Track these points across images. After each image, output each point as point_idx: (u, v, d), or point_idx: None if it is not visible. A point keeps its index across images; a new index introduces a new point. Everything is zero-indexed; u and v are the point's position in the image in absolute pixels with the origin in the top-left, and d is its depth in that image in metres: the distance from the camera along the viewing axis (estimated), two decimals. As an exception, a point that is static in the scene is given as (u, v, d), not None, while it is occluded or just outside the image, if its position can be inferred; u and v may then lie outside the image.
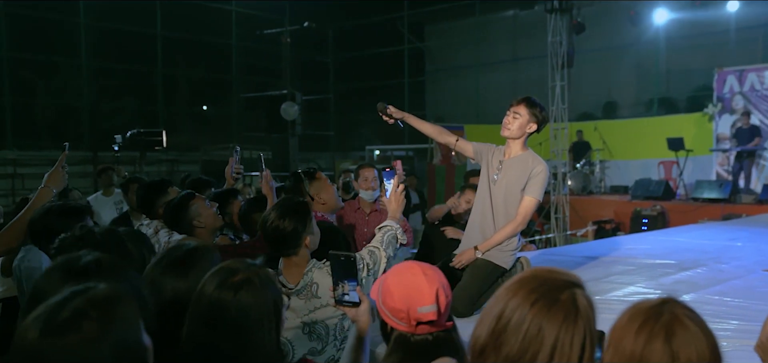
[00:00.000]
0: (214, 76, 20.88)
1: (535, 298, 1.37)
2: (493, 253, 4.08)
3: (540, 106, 4.08)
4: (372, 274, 2.86)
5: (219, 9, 19.37)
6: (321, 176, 3.67)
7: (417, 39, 22.72)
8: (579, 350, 1.35)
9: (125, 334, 1.36)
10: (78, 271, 1.74)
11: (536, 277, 1.42)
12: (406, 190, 5.36)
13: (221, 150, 18.03)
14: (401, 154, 20.19)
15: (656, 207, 11.89)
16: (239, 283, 1.75)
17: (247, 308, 1.73)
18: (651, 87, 18.28)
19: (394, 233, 2.99)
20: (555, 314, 1.35)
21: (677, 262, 5.66)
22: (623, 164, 15.56)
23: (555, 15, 12.52)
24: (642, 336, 1.32)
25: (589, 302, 1.40)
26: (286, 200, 2.80)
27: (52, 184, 3.41)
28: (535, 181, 4.02)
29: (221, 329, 1.72)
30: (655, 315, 1.34)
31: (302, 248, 2.69)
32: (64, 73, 17.74)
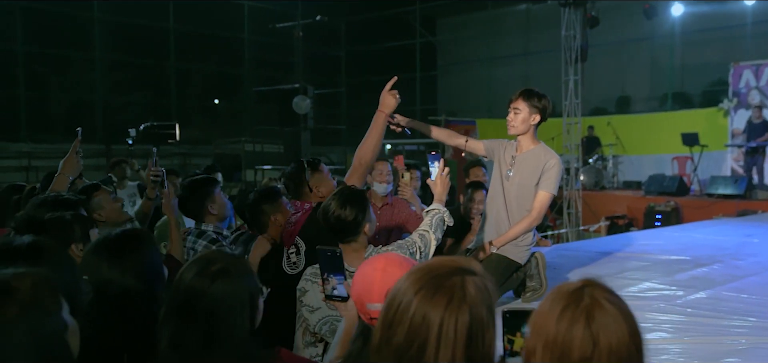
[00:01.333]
0: (226, 70, 20.93)
1: (419, 285, 1.35)
2: (508, 248, 4.06)
3: (538, 95, 4.04)
4: (424, 257, 2.94)
5: (231, 3, 19.40)
6: (323, 168, 3.67)
7: (429, 33, 22.65)
8: (465, 335, 1.31)
9: (43, 318, 1.37)
10: (11, 252, 1.77)
11: (427, 266, 1.41)
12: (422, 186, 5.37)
13: (233, 144, 18.08)
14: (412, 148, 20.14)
15: (670, 203, 11.79)
16: (216, 273, 1.77)
17: (222, 298, 1.75)
18: (665, 81, 18.13)
19: (441, 216, 3.08)
20: (439, 300, 1.33)
21: (692, 258, 5.61)
22: (637, 159, 15.45)
23: (569, 8, 12.42)
24: (564, 321, 1.28)
25: (480, 288, 1.36)
26: (345, 189, 2.91)
27: (67, 171, 3.42)
28: (549, 175, 3.99)
29: (195, 317, 1.74)
30: (576, 299, 1.30)
31: (361, 235, 2.82)
32: (77, 67, 17.85)
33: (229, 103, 21.42)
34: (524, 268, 4.16)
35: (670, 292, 4.43)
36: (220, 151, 18.04)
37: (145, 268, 2.01)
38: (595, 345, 1.26)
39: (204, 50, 19.89)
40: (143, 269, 2.00)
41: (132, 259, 1.98)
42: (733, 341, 3.44)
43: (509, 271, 4.08)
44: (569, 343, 1.27)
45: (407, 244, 2.97)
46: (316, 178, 3.59)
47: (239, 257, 1.88)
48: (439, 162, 3.22)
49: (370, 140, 3.49)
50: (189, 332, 1.74)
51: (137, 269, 1.98)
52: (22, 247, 1.79)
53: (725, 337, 3.51)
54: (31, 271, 1.43)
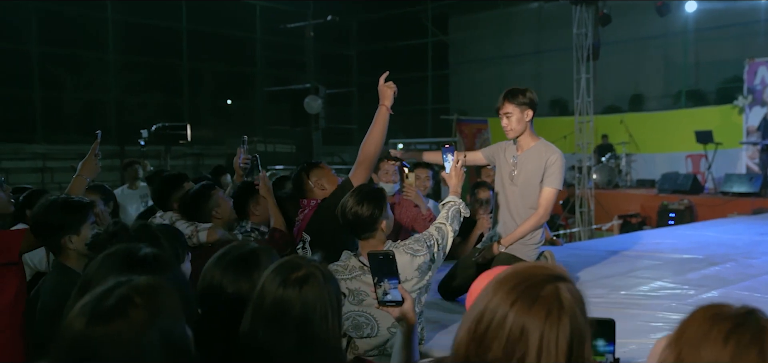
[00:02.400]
0: (238, 69, 21.01)
1: (514, 296, 1.30)
2: (516, 247, 4.06)
3: (522, 91, 4.03)
4: (442, 249, 2.96)
5: (243, 3, 19.48)
6: (323, 165, 3.76)
7: (441, 31, 22.61)
8: (566, 347, 1.27)
9: (171, 322, 1.38)
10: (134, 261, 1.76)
11: (516, 275, 1.35)
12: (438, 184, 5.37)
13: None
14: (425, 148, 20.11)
15: (684, 201, 11.69)
16: (303, 279, 1.73)
17: (312, 304, 1.72)
18: (679, 79, 17.99)
19: (457, 207, 3.10)
20: (537, 312, 1.28)
21: (705, 257, 5.57)
22: (650, 157, 15.34)
23: (580, 6, 12.34)
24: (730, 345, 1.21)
25: (575, 295, 1.32)
26: (363, 187, 2.97)
27: (85, 173, 3.44)
28: (552, 171, 3.99)
29: (286, 326, 1.70)
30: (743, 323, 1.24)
31: (378, 231, 2.85)
32: (91, 67, 17.99)
33: (241, 103, 21.51)
34: None
35: (682, 291, 4.40)
36: (233, 151, 18.07)
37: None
38: None
39: (216, 50, 19.98)
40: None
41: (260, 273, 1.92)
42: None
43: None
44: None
45: (424, 237, 2.98)
46: (315, 174, 3.67)
47: (320, 262, 1.85)
48: (453, 155, 3.24)
49: (374, 134, 3.52)
50: (281, 340, 1.70)
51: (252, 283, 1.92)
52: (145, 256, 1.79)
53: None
54: (154, 279, 1.44)
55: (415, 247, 2.89)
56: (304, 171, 3.69)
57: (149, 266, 1.72)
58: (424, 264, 2.88)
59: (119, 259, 1.77)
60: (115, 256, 1.80)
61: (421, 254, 2.87)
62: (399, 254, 2.77)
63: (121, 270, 1.67)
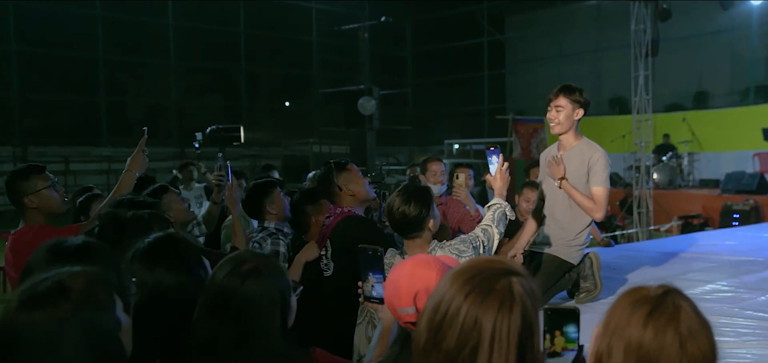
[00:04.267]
0: (294, 72, 21.35)
1: (469, 288, 1.33)
2: (559, 248, 3.99)
3: (578, 90, 3.95)
4: (487, 251, 2.95)
5: (299, 6, 19.78)
6: (352, 167, 3.67)
7: (497, 31, 22.41)
8: (517, 338, 1.30)
9: (98, 313, 1.41)
10: (64, 252, 1.83)
11: (472, 268, 1.38)
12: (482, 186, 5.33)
13: (301, 145, 18.41)
14: (481, 147, 19.95)
15: (749, 201, 11.22)
16: (247, 272, 1.79)
17: (252, 297, 1.76)
18: (746, 74, 17.29)
19: (503, 210, 3.07)
20: (490, 304, 1.31)
21: (764, 259, 5.33)
22: (714, 156, 14.78)
23: (639, 2, 12.02)
24: (650, 327, 1.29)
25: (527, 290, 1.35)
26: (409, 186, 2.93)
27: (134, 167, 3.57)
28: (597, 170, 3.89)
29: (227, 316, 1.76)
30: (660, 305, 1.31)
31: (426, 230, 2.82)
32: (153, 73, 18.61)
33: (297, 105, 21.85)
34: (577, 268, 4.06)
35: (735, 294, 4.24)
36: (289, 152, 18.41)
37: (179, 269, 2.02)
38: (683, 354, 1.28)
39: (273, 53, 20.37)
40: (178, 268, 2.02)
41: (166, 262, 2.00)
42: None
43: (561, 271, 4.00)
44: (658, 351, 1.28)
45: (470, 238, 2.96)
46: (343, 177, 3.59)
47: (269, 256, 1.89)
48: (499, 157, 3.20)
49: None
50: (222, 332, 1.76)
51: (172, 269, 2.00)
52: (71, 247, 1.86)
53: (794, 341, 3.34)
54: (85, 269, 1.48)
55: (460, 247, 2.87)
56: (332, 172, 3.61)
57: (77, 256, 1.77)
58: None
59: (49, 250, 1.84)
60: (45, 248, 1.87)
61: (466, 255, 2.84)
62: (443, 254, 2.77)
63: (50, 260, 1.74)
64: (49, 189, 3.22)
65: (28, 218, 3.14)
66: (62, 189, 3.53)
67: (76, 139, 16.74)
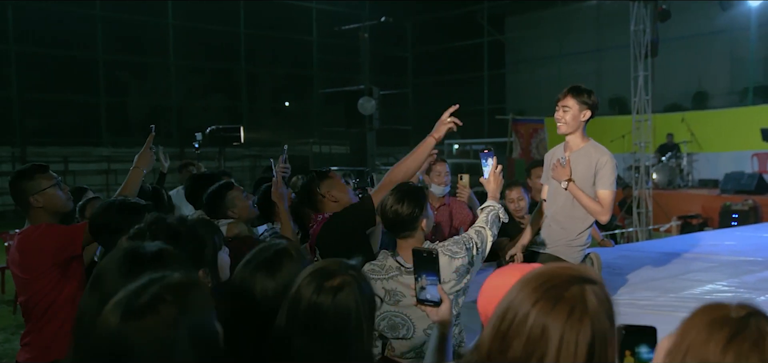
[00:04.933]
0: (294, 72, 21.37)
1: (538, 296, 1.29)
2: (560, 249, 3.99)
3: (587, 91, 3.94)
4: (480, 253, 2.92)
5: (300, 6, 19.80)
6: (333, 174, 3.66)
7: (497, 31, 22.43)
8: (586, 350, 1.25)
9: (201, 318, 1.44)
10: (140, 259, 1.81)
11: (543, 274, 1.33)
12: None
13: (302, 145, 18.42)
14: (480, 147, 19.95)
15: (748, 202, 11.24)
16: (338, 287, 1.74)
17: (346, 311, 1.72)
18: (745, 75, 17.32)
19: (496, 212, 3.04)
20: (559, 312, 1.26)
21: (764, 259, 5.35)
22: (713, 157, 14.79)
23: (639, 2, 12.04)
24: (731, 353, 1.16)
25: (601, 300, 1.29)
26: (403, 185, 2.92)
27: (141, 164, 3.60)
28: (604, 173, 3.87)
29: (320, 333, 1.71)
30: (742, 329, 1.18)
31: (418, 230, 2.81)
32: (154, 73, 18.63)
33: (298, 105, 21.87)
34: None
35: (735, 294, 4.26)
36: (290, 152, 18.40)
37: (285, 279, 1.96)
38: None
39: (273, 53, 20.39)
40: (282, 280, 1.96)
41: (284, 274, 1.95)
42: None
43: None
44: None
45: (463, 239, 2.92)
46: (326, 184, 3.56)
47: (356, 267, 1.86)
48: (492, 159, 3.18)
49: (408, 163, 3.36)
50: (317, 349, 1.71)
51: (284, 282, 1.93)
52: (148, 254, 1.83)
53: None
54: (184, 276, 1.49)
55: (454, 248, 2.83)
56: (313, 181, 3.60)
57: (153, 263, 1.75)
58: (462, 266, 2.84)
59: (125, 257, 1.82)
60: (119, 255, 1.85)
61: (459, 256, 2.82)
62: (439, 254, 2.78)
63: (126, 266, 1.74)
64: (54, 188, 3.22)
65: (33, 218, 3.14)
66: (66, 188, 3.55)
67: (75, 139, 16.75)
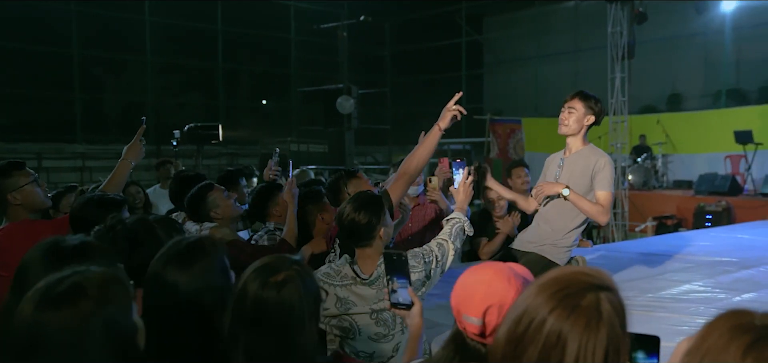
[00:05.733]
0: (273, 70, 21.26)
1: (555, 302, 1.29)
2: (546, 249, 4.02)
3: (595, 97, 3.99)
4: (440, 266, 2.91)
5: (278, 4, 19.69)
6: (361, 176, 3.75)
7: (475, 31, 22.52)
8: (603, 356, 1.27)
9: (118, 313, 1.43)
10: (62, 252, 1.82)
11: (559, 280, 1.34)
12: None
13: (280, 144, 18.31)
14: (458, 147, 20.03)
15: (721, 203, 11.42)
16: (282, 282, 1.76)
17: (291, 306, 1.75)
18: (719, 78, 17.59)
19: (461, 225, 3.03)
20: (576, 320, 1.27)
21: (739, 259, 5.43)
22: (688, 158, 15.02)
23: (615, 4, 12.18)
24: (750, 360, 1.16)
25: (615, 306, 1.30)
26: (361, 194, 2.90)
27: (130, 156, 3.57)
28: (603, 176, 3.90)
29: (266, 328, 1.74)
30: (763, 337, 1.17)
31: (376, 240, 2.79)
32: (129, 69, 18.40)
33: (276, 104, 21.77)
34: None
35: (711, 295, 4.32)
36: (267, 151, 18.29)
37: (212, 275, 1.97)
38: None
39: (251, 51, 20.26)
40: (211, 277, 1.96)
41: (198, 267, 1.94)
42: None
43: (546, 270, 4.05)
44: None
45: (423, 251, 2.92)
46: (353, 184, 3.65)
47: (300, 263, 1.87)
48: (464, 170, 3.19)
49: (420, 153, 3.42)
50: (262, 343, 1.73)
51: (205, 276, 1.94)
52: (69, 247, 1.84)
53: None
54: (103, 269, 1.48)
55: (411, 262, 2.78)
56: (342, 180, 3.67)
57: (75, 256, 1.75)
58: (418, 280, 2.82)
59: (47, 249, 1.83)
60: (41, 248, 1.85)
61: (416, 270, 2.81)
62: None
63: (48, 259, 1.74)
64: (32, 185, 3.21)
65: (12, 215, 3.12)
66: (44, 184, 3.50)
67: (49, 135, 16.48)
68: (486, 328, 1.71)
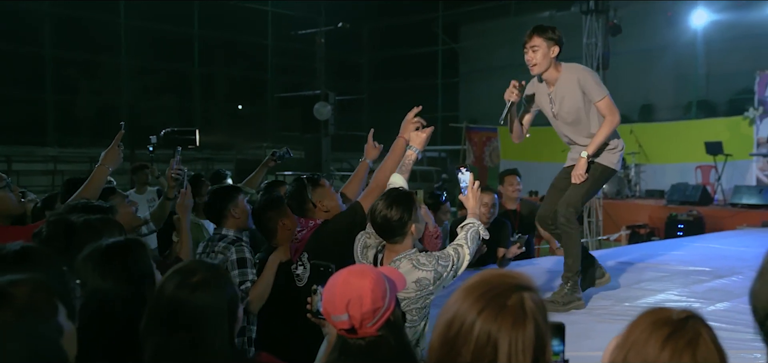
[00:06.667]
0: (249, 75, 21.16)
1: (482, 304, 1.36)
2: (604, 156, 4.19)
3: (550, 27, 4.11)
4: (454, 269, 2.93)
5: (255, 9, 19.61)
6: (324, 183, 3.63)
7: (451, 40, 22.67)
8: (531, 354, 1.34)
9: (39, 321, 1.42)
10: (1, 259, 1.80)
11: (484, 282, 1.41)
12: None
13: (256, 149, 18.22)
14: (434, 155, 20.12)
15: (693, 212, 11.62)
16: (196, 284, 1.81)
17: (203, 308, 1.79)
18: (690, 90, 17.94)
19: (476, 229, 3.05)
20: (503, 320, 1.34)
21: (712, 269, 5.54)
22: (659, 168, 15.26)
23: (591, 16, 12.36)
24: (667, 350, 1.29)
25: (537, 304, 1.39)
26: (393, 191, 2.96)
27: (107, 162, 3.48)
28: (591, 85, 4.05)
29: (177, 327, 1.78)
30: (680, 329, 1.31)
31: (408, 236, 2.83)
32: (104, 72, 18.17)
33: (252, 109, 21.66)
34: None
35: (687, 303, 4.39)
36: (243, 156, 18.20)
37: (132, 276, 2.01)
38: None
39: (228, 56, 20.15)
40: (130, 277, 2.01)
41: (118, 267, 1.99)
42: (748, 355, 3.40)
43: (605, 176, 4.30)
44: None
45: (439, 254, 2.93)
46: (318, 193, 3.54)
47: (219, 267, 1.92)
48: (470, 175, 3.21)
49: (387, 165, 3.47)
50: (173, 342, 1.77)
51: (124, 277, 1.99)
52: (9, 254, 1.82)
53: (741, 351, 3.46)
54: (28, 276, 1.47)
55: (421, 259, 2.83)
56: (305, 188, 3.56)
57: (16, 263, 1.75)
58: (424, 279, 2.83)
59: None
60: None
61: (426, 269, 2.81)
62: (406, 264, 2.80)
63: None
64: (5, 190, 3.14)
65: None
66: (17, 189, 3.44)
67: (19, 137, 16.18)
68: (354, 321, 1.78)
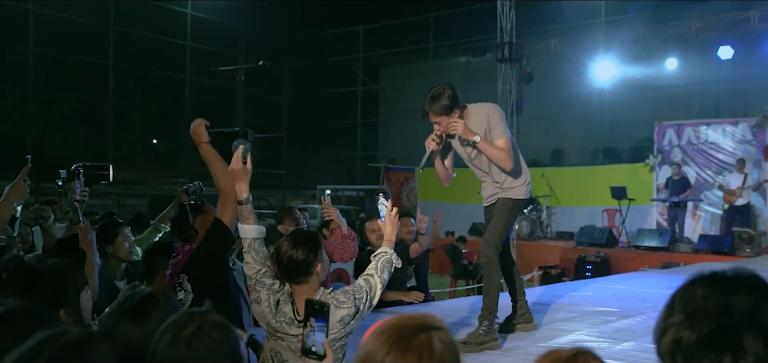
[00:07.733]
0: (166, 109, 20.68)
1: (390, 345, 1.41)
2: (513, 190, 4.37)
3: (439, 96, 4.19)
4: (369, 301, 2.93)
5: (174, 43, 19.27)
6: (209, 209, 3.61)
7: (372, 81, 22.98)
8: None
9: None
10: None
11: (393, 324, 1.46)
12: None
13: (171, 185, 17.74)
14: (352, 194, 20.20)
15: (600, 254, 12.18)
16: (190, 337, 1.72)
17: (202, 358, 1.71)
18: (596, 137, 18.89)
19: (389, 258, 3.05)
20: (409, 359, 1.38)
21: (618, 309, 5.80)
22: (569, 211, 15.92)
23: (505, 64, 12.89)
24: None
25: (446, 344, 1.43)
26: (298, 231, 2.95)
27: (12, 197, 3.30)
28: (495, 123, 4.23)
29: None
30: None
31: (314, 275, 2.82)
32: (8, 100, 17.31)
33: (168, 144, 21.12)
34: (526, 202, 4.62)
35: (596, 344, 4.59)
36: (156, 191, 17.69)
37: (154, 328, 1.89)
38: None
39: (144, 89, 19.65)
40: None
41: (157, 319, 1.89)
42: (652, 392, 3.59)
43: (517, 207, 4.45)
44: None
45: (353, 289, 2.95)
46: (200, 220, 3.50)
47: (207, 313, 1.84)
48: (388, 202, 3.21)
49: (218, 170, 3.51)
50: None
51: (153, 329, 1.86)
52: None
53: (645, 388, 3.66)
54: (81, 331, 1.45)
55: (341, 298, 2.86)
56: (187, 215, 3.54)
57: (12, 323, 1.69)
58: (347, 316, 2.87)
59: None
60: None
61: (346, 306, 2.86)
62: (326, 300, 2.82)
63: None
64: None
65: None
66: None
67: None
68: None
